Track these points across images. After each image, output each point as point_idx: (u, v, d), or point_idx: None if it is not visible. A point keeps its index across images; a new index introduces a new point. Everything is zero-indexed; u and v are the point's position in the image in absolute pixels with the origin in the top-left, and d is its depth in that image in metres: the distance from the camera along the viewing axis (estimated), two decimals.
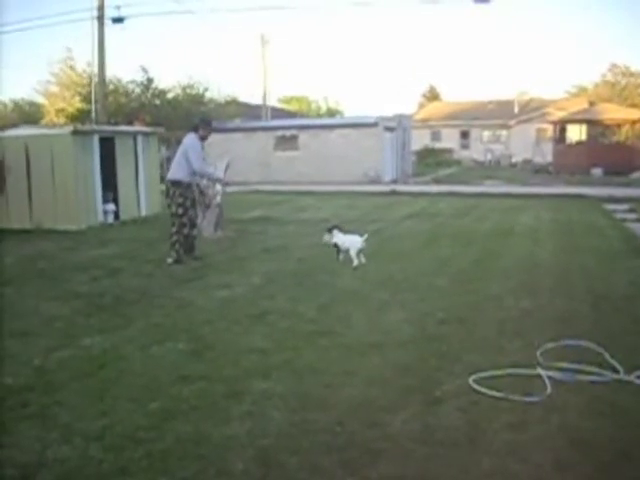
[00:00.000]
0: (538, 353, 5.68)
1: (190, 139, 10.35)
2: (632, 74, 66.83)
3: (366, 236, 9.90)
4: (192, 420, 4.43)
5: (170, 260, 10.14)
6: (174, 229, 10.26)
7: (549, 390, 4.89)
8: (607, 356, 5.57)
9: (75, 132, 15.01)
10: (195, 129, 10.46)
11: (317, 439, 4.16)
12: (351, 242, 9.92)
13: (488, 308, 7.38)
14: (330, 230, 10.20)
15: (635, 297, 7.88)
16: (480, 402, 4.72)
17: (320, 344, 6.09)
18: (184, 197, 10.25)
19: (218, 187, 12.76)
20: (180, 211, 10.24)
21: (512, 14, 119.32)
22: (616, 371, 5.28)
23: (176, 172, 10.30)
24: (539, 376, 5.18)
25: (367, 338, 6.27)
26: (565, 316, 7.02)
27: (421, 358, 5.68)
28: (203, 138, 10.52)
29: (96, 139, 15.44)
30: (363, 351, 5.88)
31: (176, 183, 10.25)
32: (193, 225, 10.62)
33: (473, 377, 5.11)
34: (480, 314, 7.14)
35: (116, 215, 16.01)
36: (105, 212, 15.65)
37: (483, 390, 4.87)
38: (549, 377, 5.13)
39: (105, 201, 15.66)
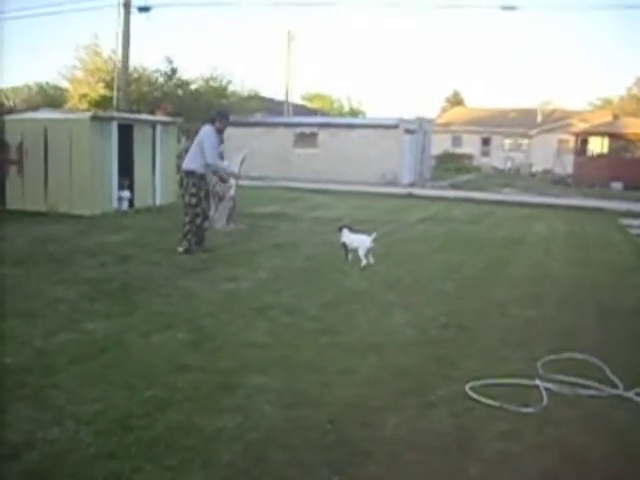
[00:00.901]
0: (539, 364, 5.65)
1: (206, 131, 10.34)
2: None
3: (375, 235, 9.86)
4: (185, 410, 4.43)
5: (181, 249, 10.16)
6: (187, 219, 10.27)
7: (545, 402, 4.86)
8: (608, 371, 5.53)
9: (94, 118, 15.05)
10: (212, 121, 10.44)
11: (307, 436, 4.15)
12: (360, 241, 9.89)
13: (493, 316, 7.34)
14: (340, 229, 10.19)
15: None
16: (475, 409, 4.70)
17: (320, 342, 6.09)
18: (197, 187, 10.26)
19: (232, 180, 12.77)
20: (193, 201, 10.26)
21: (539, 23, 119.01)
22: (615, 387, 5.24)
23: (190, 162, 10.33)
24: (537, 387, 5.15)
25: (368, 339, 6.26)
26: (570, 329, 6.97)
27: (420, 362, 5.67)
28: (220, 131, 10.53)
29: (115, 126, 15.46)
30: (363, 351, 5.87)
31: (190, 173, 10.27)
32: (206, 217, 10.65)
33: (470, 384, 5.08)
34: (484, 321, 7.11)
35: (131, 202, 16.03)
36: (120, 199, 15.68)
37: (479, 398, 4.85)
38: (547, 389, 5.10)
39: (120, 188, 15.69)
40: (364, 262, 9.71)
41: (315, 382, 5.06)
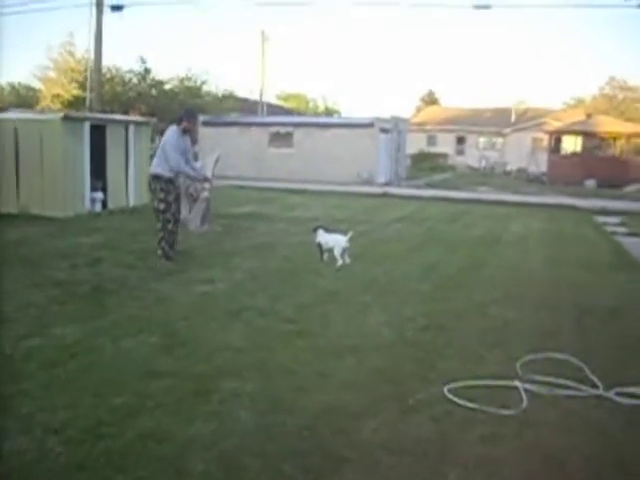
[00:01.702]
0: (518, 365, 5.58)
1: (169, 132, 9.74)
2: (630, 88, 67.29)
3: (350, 234, 9.78)
4: (156, 417, 4.31)
5: (159, 252, 9.85)
6: (159, 225, 9.74)
7: (525, 403, 4.79)
8: (587, 371, 5.48)
9: (65, 118, 14.82)
10: (179, 121, 9.78)
11: (283, 443, 4.04)
12: (335, 241, 9.80)
13: (470, 316, 7.27)
14: (315, 229, 10.09)
15: (620, 312, 7.77)
16: (454, 412, 4.61)
17: (296, 345, 5.98)
18: (166, 192, 9.62)
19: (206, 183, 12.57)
20: (162, 207, 9.65)
21: (513, 22, 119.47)
22: (595, 387, 5.18)
23: (157, 166, 9.70)
24: (516, 388, 5.08)
25: (344, 341, 6.16)
26: (548, 328, 6.93)
27: (397, 364, 5.58)
28: (186, 131, 9.84)
29: (87, 126, 15.24)
30: (339, 354, 5.77)
31: (157, 177, 9.65)
32: (176, 220, 9.98)
33: (448, 386, 5.00)
34: (462, 322, 7.03)
35: (104, 204, 15.81)
36: (93, 200, 15.45)
37: (457, 400, 4.76)
38: (526, 390, 5.03)
39: (93, 189, 15.46)
40: (340, 262, 9.62)
41: (291, 386, 4.94)
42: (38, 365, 5.21)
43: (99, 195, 15.62)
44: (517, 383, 5.17)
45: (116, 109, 30.19)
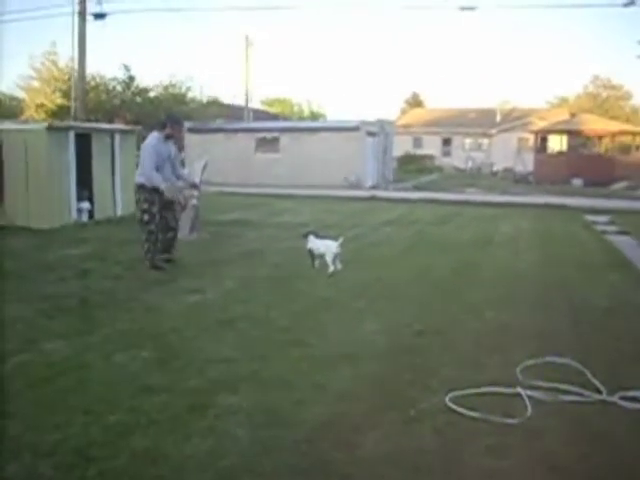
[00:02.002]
0: (517, 370, 5.46)
1: (149, 139, 9.50)
2: (613, 87, 67.66)
3: (341, 240, 9.65)
4: (151, 436, 4.15)
5: (147, 263, 9.65)
6: (143, 237, 9.52)
7: (529, 411, 4.66)
8: (589, 375, 5.36)
9: (50, 128, 14.62)
10: (162, 127, 9.53)
11: (282, 460, 3.89)
12: (326, 247, 9.66)
13: (466, 320, 7.14)
14: (305, 236, 9.95)
15: (616, 312, 7.68)
16: (457, 423, 4.47)
17: (291, 355, 5.83)
18: (150, 202, 9.36)
19: (194, 190, 12.38)
20: (145, 218, 9.43)
21: (497, 23, 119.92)
22: (599, 391, 5.06)
23: (140, 175, 9.46)
24: (519, 395, 4.95)
25: (340, 349, 6.01)
26: (545, 330, 6.81)
27: (396, 372, 5.44)
28: (169, 137, 9.60)
29: (72, 136, 15.04)
30: (335, 363, 5.62)
31: (140, 187, 9.42)
32: (170, 228, 9.78)
33: (450, 395, 4.86)
34: (458, 326, 6.90)
35: (91, 214, 15.60)
36: (79, 210, 15.25)
37: (460, 410, 4.63)
38: (529, 396, 4.90)
39: (80, 199, 15.26)
40: (331, 268, 9.48)
41: (288, 399, 4.79)
42: (26, 383, 5.03)
43: (86, 205, 15.42)
44: (520, 390, 5.04)
45: (100, 118, 30.01)
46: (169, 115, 10.59)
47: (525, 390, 5.01)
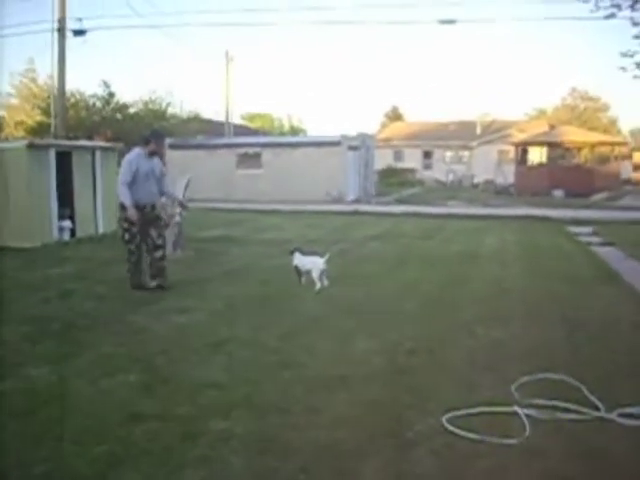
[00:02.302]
0: (513, 388, 5.36)
1: (128, 155, 9.33)
2: (591, 98, 68.34)
3: (327, 256, 9.55)
4: (141, 467, 4.00)
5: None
6: (127, 255, 9.39)
7: (528, 430, 4.56)
8: (586, 391, 5.27)
9: (30, 146, 14.45)
10: (146, 142, 9.32)
11: None
12: (312, 264, 9.57)
13: (458, 338, 7.04)
14: (292, 252, 9.85)
15: (609, 325, 7.61)
16: (455, 445, 4.36)
17: (283, 377, 5.69)
18: (129, 222, 9.12)
19: (177, 207, 12.23)
20: (126, 237, 9.27)
21: (476, 36, 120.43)
22: (596, 408, 4.97)
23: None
24: (516, 414, 4.85)
25: (333, 371, 5.88)
26: (538, 346, 6.73)
27: (391, 394, 5.32)
28: (153, 153, 9.40)
29: (52, 153, 14.87)
30: (329, 386, 5.49)
31: (122, 206, 9.19)
32: (156, 247, 9.45)
33: (447, 416, 4.75)
34: (450, 344, 6.80)
35: (72, 232, 15.42)
36: (61, 229, 15.07)
37: (458, 431, 4.52)
38: (527, 415, 4.80)
39: (61, 217, 15.08)
40: (318, 285, 9.37)
41: (282, 425, 4.66)
42: (9, 412, 4.87)
43: (67, 223, 15.24)
44: (517, 409, 4.94)
45: (80, 135, 29.77)
46: (152, 131, 10.36)
47: (522, 409, 4.91)
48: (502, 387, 5.42)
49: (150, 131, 10.33)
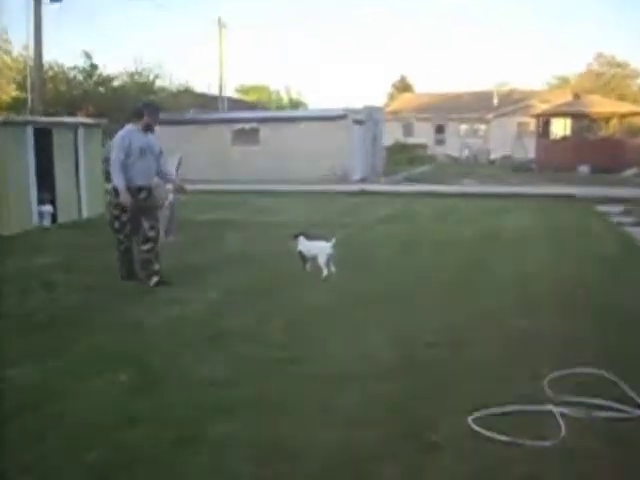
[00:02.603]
0: (545, 383, 5.29)
1: (121, 132, 9.07)
2: (619, 64, 67.74)
3: (334, 240, 9.47)
4: (136, 476, 3.93)
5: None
6: (117, 244, 9.26)
7: (563, 431, 4.48)
8: (624, 386, 5.19)
9: (5, 123, 14.37)
10: (139, 116, 9.07)
11: None
12: (318, 249, 9.51)
13: (481, 328, 6.97)
14: (296, 237, 9.77)
15: None
16: (484, 448, 4.28)
17: (289, 374, 5.62)
18: (120, 209, 8.96)
19: (169, 185, 12.10)
20: (116, 225, 9.12)
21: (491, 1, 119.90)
22: (638, 406, 4.90)
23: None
24: (550, 412, 4.77)
25: (344, 366, 5.81)
26: (570, 337, 6.66)
27: (410, 391, 5.24)
28: (148, 127, 9.18)
29: (30, 131, 14.77)
30: (340, 383, 5.41)
31: (114, 190, 9.00)
32: (147, 239, 9.10)
33: (473, 416, 4.67)
34: (473, 335, 6.73)
35: (54, 217, 15.37)
36: (41, 214, 15.01)
37: (486, 433, 4.44)
38: (562, 414, 4.72)
39: (41, 202, 15.01)
40: (325, 272, 9.31)
41: (291, 426, 4.58)
42: None
43: (47, 208, 15.17)
44: (551, 407, 4.86)
45: (60, 110, 29.65)
46: (145, 102, 10.20)
47: (556, 407, 4.83)
48: (532, 382, 5.35)
49: (142, 102, 10.19)
